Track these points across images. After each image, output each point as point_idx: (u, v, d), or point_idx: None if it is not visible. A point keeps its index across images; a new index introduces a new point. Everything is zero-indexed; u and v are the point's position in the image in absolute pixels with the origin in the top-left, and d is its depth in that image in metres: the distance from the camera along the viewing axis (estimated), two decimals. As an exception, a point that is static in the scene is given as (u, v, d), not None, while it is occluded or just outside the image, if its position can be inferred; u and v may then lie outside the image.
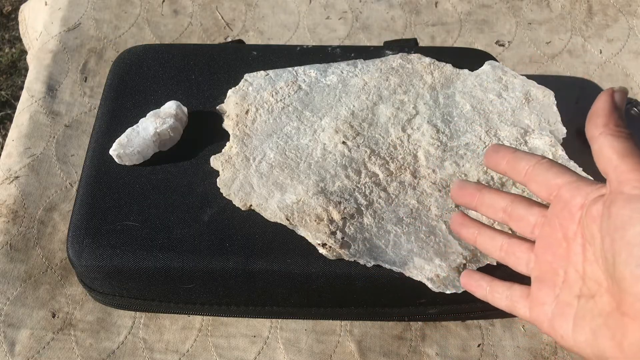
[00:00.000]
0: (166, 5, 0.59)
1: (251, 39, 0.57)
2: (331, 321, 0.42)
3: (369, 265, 0.35)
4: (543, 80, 0.44)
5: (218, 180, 0.39)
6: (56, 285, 0.44)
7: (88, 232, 0.37)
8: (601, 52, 0.56)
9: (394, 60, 0.44)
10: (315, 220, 0.36)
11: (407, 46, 0.47)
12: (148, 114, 0.41)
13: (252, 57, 0.45)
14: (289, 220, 0.36)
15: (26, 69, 0.84)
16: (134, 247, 0.37)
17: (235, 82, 0.43)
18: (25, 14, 0.62)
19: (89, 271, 0.37)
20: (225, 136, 0.41)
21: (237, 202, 0.38)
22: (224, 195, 0.38)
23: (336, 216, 0.36)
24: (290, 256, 0.36)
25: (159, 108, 0.42)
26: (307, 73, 0.43)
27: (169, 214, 0.38)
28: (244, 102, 0.42)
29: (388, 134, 0.40)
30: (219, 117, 0.42)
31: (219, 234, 0.37)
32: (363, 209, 0.37)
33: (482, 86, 0.43)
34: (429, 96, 0.42)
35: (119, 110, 0.43)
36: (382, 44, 0.49)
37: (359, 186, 0.38)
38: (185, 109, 0.42)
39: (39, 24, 0.59)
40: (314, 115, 0.41)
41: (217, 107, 0.42)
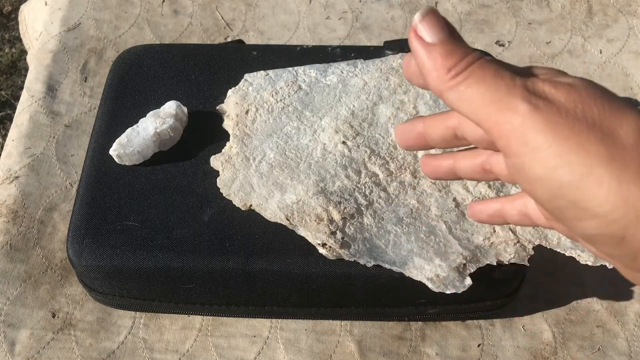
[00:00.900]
0: (166, 5, 0.59)
1: (251, 39, 0.57)
2: (331, 321, 0.42)
3: (369, 265, 0.35)
4: (543, 80, 0.44)
5: (218, 180, 0.39)
6: (56, 285, 0.44)
7: (88, 232, 0.37)
8: (601, 52, 0.56)
9: (394, 60, 0.44)
10: (315, 220, 0.36)
11: (407, 46, 0.47)
12: (148, 114, 0.41)
13: (252, 57, 0.45)
14: (289, 220, 0.36)
15: (26, 69, 0.84)
16: (134, 247, 0.37)
17: (235, 82, 0.43)
18: (25, 14, 0.62)
19: (89, 271, 0.37)
20: (225, 136, 0.41)
21: (237, 202, 0.38)
22: (224, 195, 0.38)
23: (336, 216, 0.36)
24: (290, 256, 0.36)
25: (159, 108, 0.42)
26: (307, 73, 0.43)
27: (169, 214, 0.38)
28: (244, 102, 0.42)
29: (388, 134, 0.40)
30: (219, 117, 0.42)
31: (219, 234, 0.37)
32: (363, 209, 0.37)
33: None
34: (429, 96, 0.42)
35: (119, 110, 0.43)
36: (382, 44, 0.49)
37: (359, 186, 0.38)
38: (185, 109, 0.42)
39: (39, 24, 0.59)
40: (314, 115, 0.41)
41: (217, 107, 0.42)
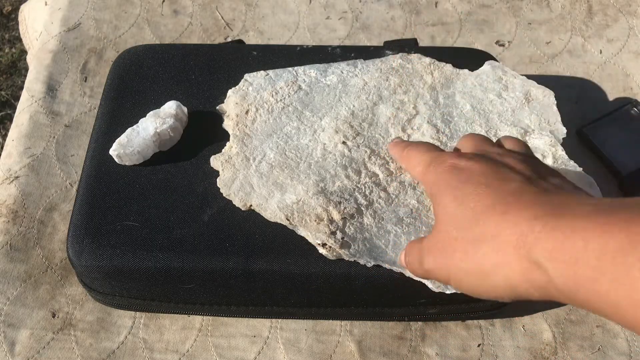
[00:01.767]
0: (166, 5, 0.59)
1: (251, 39, 0.57)
2: (331, 321, 0.42)
3: (369, 265, 0.35)
4: (543, 80, 0.44)
5: (218, 180, 0.39)
6: (56, 285, 0.44)
7: (88, 232, 0.37)
8: (601, 52, 0.56)
9: (394, 60, 0.44)
10: (315, 220, 0.36)
11: (407, 46, 0.47)
12: (148, 114, 0.41)
13: (252, 57, 0.45)
14: (289, 220, 0.36)
15: (26, 69, 0.84)
16: (134, 247, 0.37)
17: (235, 82, 0.43)
18: (25, 14, 0.62)
19: (89, 271, 0.37)
20: (225, 136, 0.41)
21: (237, 202, 0.38)
22: (224, 195, 0.38)
23: (336, 216, 0.36)
24: (290, 256, 0.36)
25: (159, 108, 0.42)
26: (307, 73, 0.43)
27: (169, 214, 0.38)
28: (244, 102, 0.42)
29: (388, 134, 0.40)
30: (219, 117, 0.42)
31: (219, 234, 0.37)
32: (363, 209, 0.37)
33: (482, 86, 0.43)
34: (429, 96, 0.42)
35: (119, 110, 0.43)
36: (382, 44, 0.49)
37: (359, 186, 0.38)
38: (185, 109, 0.42)
39: (39, 24, 0.59)
40: (314, 115, 0.41)
41: (217, 107, 0.42)
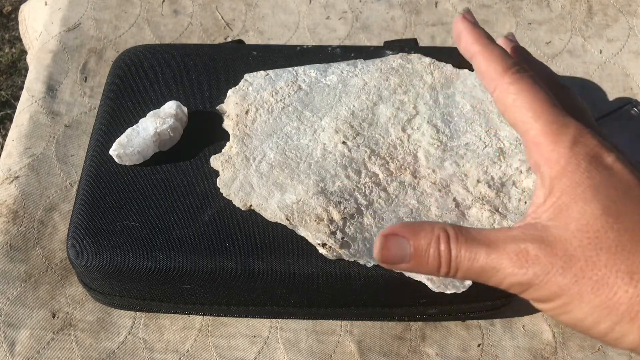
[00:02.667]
0: (166, 5, 0.59)
1: (251, 39, 0.57)
2: (331, 321, 0.42)
3: (369, 265, 0.35)
4: (543, 80, 0.44)
5: (218, 180, 0.39)
6: (56, 285, 0.44)
7: (88, 232, 0.37)
8: (601, 52, 0.56)
9: (394, 60, 0.44)
10: (315, 220, 0.36)
11: (407, 46, 0.47)
12: (148, 114, 0.41)
13: (252, 57, 0.45)
14: (289, 220, 0.36)
15: (26, 69, 0.84)
16: (134, 247, 0.37)
17: (235, 82, 0.43)
18: (25, 14, 0.62)
19: (89, 271, 0.37)
20: (225, 136, 0.41)
21: (237, 202, 0.38)
22: (224, 195, 0.38)
23: (336, 216, 0.36)
24: (290, 256, 0.36)
25: (159, 108, 0.42)
26: (307, 73, 0.43)
27: (169, 214, 0.38)
28: (244, 102, 0.42)
29: (388, 134, 0.40)
30: (219, 117, 0.42)
31: (219, 234, 0.37)
32: (363, 209, 0.37)
33: (482, 86, 0.43)
34: (429, 96, 0.42)
35: (119, 110, 0.43)
36: (382, 44, 0.49)
37: (359, 186, 0.38)
38: (185, 109, 0.42)
39: (39, 24, 0.59)
40: (314, 115, 0.41)
41: (217, 107, 0.42)
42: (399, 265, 0.25)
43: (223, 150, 0.40)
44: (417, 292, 0.36)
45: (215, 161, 0.40)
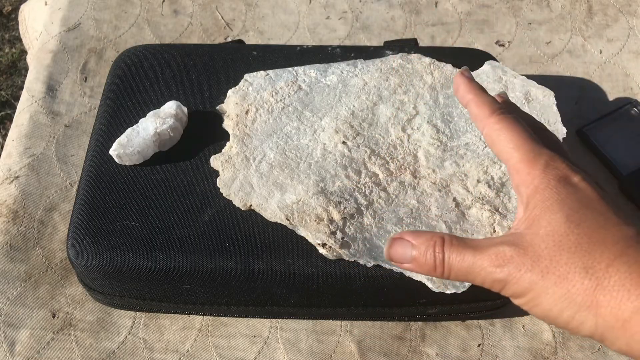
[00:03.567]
0: (166, 5, 0.59)
1: (251, 39, 0.57)
2: (331, 321, 0.42)
3: (369, 265, 0.35)
4: (543, 80, 0.44)
5: (218, 180, 0.39)
6: (56, 285, 0.44)
7: (88, 232, 0.37)
8: (601, 52, 0.56)
9: (394, 60, 0.44)
10: (315, 220, 0.36)
11: (407, 46, 0.47)
12: (148, 114, 0.41)
13: (252, 57, 0.45)
14: (289, 220, 0.36)
15: (26, 69, 0.84)
16: (134, 247, 0.37)
17: (235, 82, 0.43)
18: (25, 14, 0.62)
19: (89, 271, 0.37)
20: (225, 136, 0.41)
21: (237, 202, 0.38)
22: (224, 195, 0.38)
23: (336, 216, 0.36)
24: (290, 256, 0.36)
25: (159, 108, 0.42)
26: (307, 73, 0.43)
27: (169, 214, 0.38)
28: (244, 102, 0.42)
29: (388, 134, 0.40)
30: (219, 117, 0.42)
31: (219, 234, 0.37)
32: (363, 209, 0.37)
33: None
34: (429, 96, 0.42)
35: (119, 110, 0.43)
36: (382, 44, 0.49)
37: (359, 186, 0.38)
38: (185, 109, 0.42)
39: (39, 24, 0.59)
40: (314, 115, 0.41)
41: (217, 107, 0.42)
42: (404, 265, 0.29)
43: (223, 150, 0.40)
44: (417, 292, 0.36)
45: (215, 161, 0.40)
